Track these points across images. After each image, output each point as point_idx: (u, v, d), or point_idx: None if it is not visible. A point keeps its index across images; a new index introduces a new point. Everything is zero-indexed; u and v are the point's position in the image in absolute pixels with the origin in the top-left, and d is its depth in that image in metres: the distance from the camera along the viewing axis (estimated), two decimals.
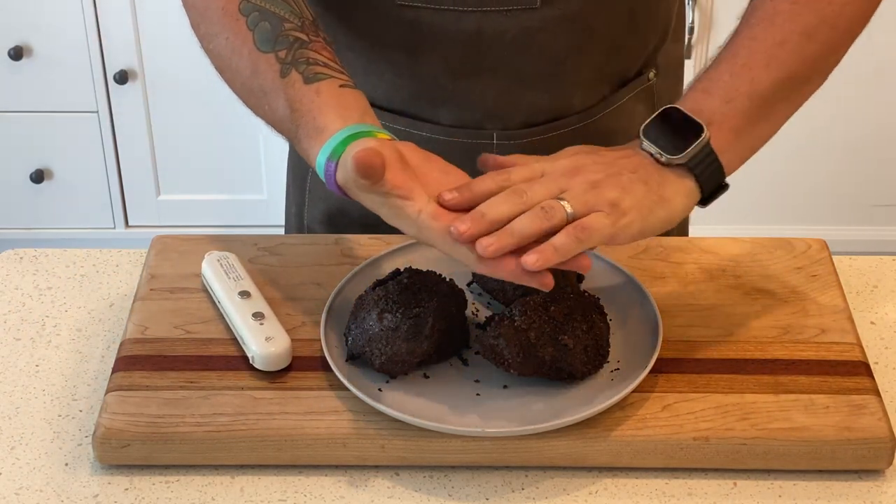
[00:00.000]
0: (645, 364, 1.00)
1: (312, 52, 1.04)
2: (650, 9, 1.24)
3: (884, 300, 1.17)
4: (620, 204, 0.99)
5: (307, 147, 1.01)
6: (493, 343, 0.99)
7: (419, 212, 0.95)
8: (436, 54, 1.19)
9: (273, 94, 1.04)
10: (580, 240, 0.97)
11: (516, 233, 0.96)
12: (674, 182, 1.01)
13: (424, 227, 0.95)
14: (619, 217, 0.99)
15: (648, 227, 1.00)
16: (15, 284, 1.19)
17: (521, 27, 1.17)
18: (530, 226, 0.97)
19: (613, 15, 1.20)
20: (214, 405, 1.00)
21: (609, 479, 0.98)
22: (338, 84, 1.03)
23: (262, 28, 1.05)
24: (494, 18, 1.16)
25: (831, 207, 2.68)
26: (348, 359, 1.02)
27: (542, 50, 1.18)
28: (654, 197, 1.00)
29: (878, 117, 2.58)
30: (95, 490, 0.98)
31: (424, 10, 1.16)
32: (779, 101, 1.04)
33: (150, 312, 1.10)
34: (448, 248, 0.95)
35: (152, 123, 2.62)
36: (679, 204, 1.02)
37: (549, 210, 0.97)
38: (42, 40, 2.53)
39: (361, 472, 0.99)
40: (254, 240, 1.19)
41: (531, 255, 0.94)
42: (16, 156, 2.65)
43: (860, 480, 0.99)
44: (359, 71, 1.22)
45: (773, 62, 1.03)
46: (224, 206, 2.70)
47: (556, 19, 1.17)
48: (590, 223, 0.97)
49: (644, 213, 1.00)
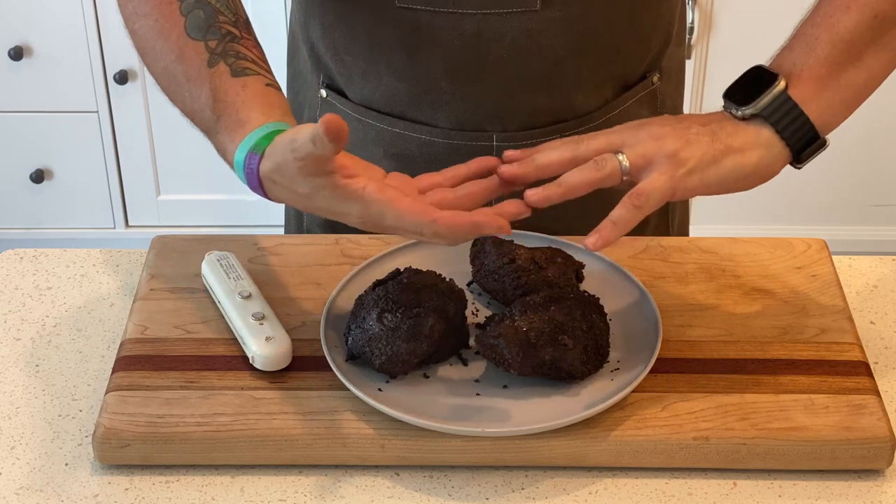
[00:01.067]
0: (645, 364, 1.00)
1: (243, 47, 1.04)
2: (652, 11, 1.24)
3: (884, 300, 1.17)
4: (680, 154, 0.96)
5: (225, 140, 1.00)
6: (493, 343, 0.99)
7: (364, 187, 0.91)
8: (435, 56, 1.18)
9: (197, 81, 1.03)
10: (638, 207, 0.95)
11: (564, 183, 0.95)
12: (748, 132, 0.99)
13: (371, 201, 0.90)
14: (678, 168, 0.96)
15: (713, 178, 0.98)
16: (15, 284, 1.19)
17: (521, 29, 1.16)
18: (579, 176, 0.95)
19: (614, 17, 1.19)
20: (214, 405, 1.00)
21: (609, 479, 0.99)
22: (264, 82, 1.03)
23: (196, 15, 1.04)
24: (494, 20, 1.16)
25: (831, 207, 2.68)
26: (348, 359, 1.02)
27: (542, 52, 1.18)
28: (721, 146, 0.98)
29: (878, 117, 2.58)
30: (95, 490, 0.98)
31: (423, 11, 1.16)
32: (867, 44, 1.00)
33: (150, 312, 1.10)
34: (395, 216, 0.90)
35: (152, 123, 2.62)
36: (753, 155, 0.98)
37: (601, 162, 0.96)
38: (42, 40, 2.53)
39: (361, 472, 0.99)
40: (254, 240, 1.19)
41: (591, 237, 0.93)
42: (16, 156, 2.65)
43: (860, 480, 0.99)
44: (357, 74, 1.23)
45: (854, 4, 1.00)
46: (224, 206, 2.70)
47: (556, 21, 1.16)
48: (645, 188, 0.95)
49: (707, 163, 0.97)
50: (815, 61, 1.00)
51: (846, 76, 1.01)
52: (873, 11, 1.00)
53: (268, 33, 2.01)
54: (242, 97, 1.00)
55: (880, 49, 1.01)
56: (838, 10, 1.01)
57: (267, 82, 1.03)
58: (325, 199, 0.92)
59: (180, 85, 1.04)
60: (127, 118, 2.62)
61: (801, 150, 1.01)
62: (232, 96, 1.01)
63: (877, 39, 1.01)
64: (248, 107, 1.00)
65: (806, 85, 1.00)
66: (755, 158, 0.99)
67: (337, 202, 0.92)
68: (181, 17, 1.05)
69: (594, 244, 0.93)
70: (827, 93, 1.01)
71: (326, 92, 1.27)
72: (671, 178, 0.96)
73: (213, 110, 1.01)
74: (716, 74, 2.47)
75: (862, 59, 1.01)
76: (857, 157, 2.62)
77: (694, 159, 0.97)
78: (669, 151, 0.97)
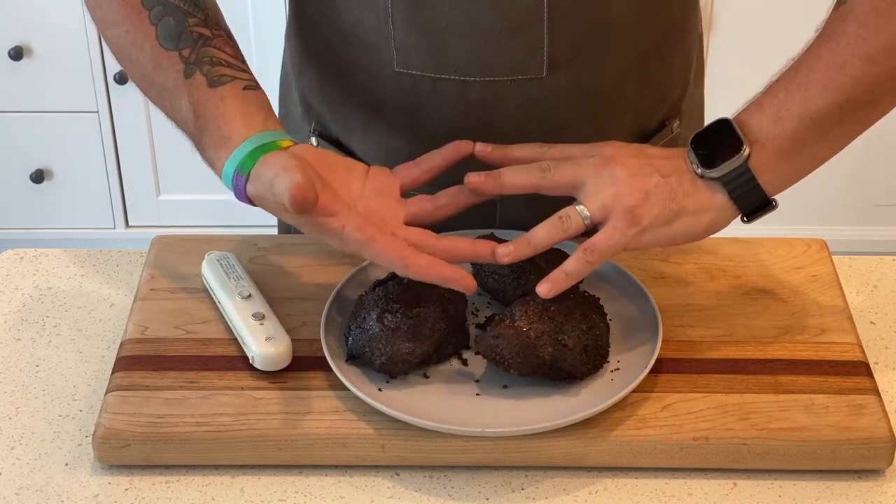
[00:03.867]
0: (645, 364, 1.00)
1: (215, 49, 1.04)
2: (666, 65, 1.19)
3: (884, 300, 1.17)
4: (636, 210, 0.99)
5: (212, 156, 1.01)
6: (493, 343, 0.99)
7: (343, 227, 0.97)
8: (436, 119, 1.15)
9: (176, 93, 1.03)
10: (590, 262, 0.99)
11: (532, 243, 1.01)
12: (703, 195, 1.01)
13: (349, 240, 0.97)
14: (632, 226, 0.99)
15: (664, 237, 1.01)
16: (15, 284, 1.19)
17: (527, 96, 1.13)
18: (547, 237, 1.01)
19: (625, 77, 1.15)
20: (214, 405, 1.00)
21: (609, 479, 0.98)
22: (241, 86, 1.03)
23: (166, 23, 1.04)
24: (498, 87, 1.12)
25: (831, 207, 2.68)
26: (348, 359, 1.02)
27: (548, 117, 1.14)
28: (676, 207, 1.00)
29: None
30: (95, 490, 0.98)
31: (424, 77, 1.13)
32: (836, 123, 1.00)
33: (150, 312, 1.10)
34: (371, 255, 0.98)
35: (152, 123, 2.62)
36: (705, 218, 1.01)
37: (566, 220, 1.00)
38: (42, 40, 2.53)
39: (361, 472, 0.99)
40: (254, 240, 1.19)
41: (544, 285, 0.99)
42: (16, 156, 2.65)
43: (860, 480, 0.99)
44: (357, 127, 1.20)
45: (831, 85, 0.99)
46: (224, 206, 2.70)
47: (563, 87, 1.13)
48: (598, 244, 1.00)
49: (660, 223, 1.00)
50: (782, 133, 1.00)
51: (808, 150, 1.02)
52: (846, 95, 1.00)
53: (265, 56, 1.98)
54: (222, 110, 1.01)
55: (846, 127, 1.02)
56: (814, 87, 1.00)
57: (244, 85, 1.03)
58: (307, 230, 0.99)
59: (161, 95, 1.05)
60: (127, 118, 2.61)
61: (751, 213, 1.03)
62: (212, 110, 1.01)
63: (845, 120, 1.01)
64: (229, 120, 1.01)
65: (768, 156, 1.01)
66: (706, 221, 1.02)
67: (318, 234, 0.99)
68: (152, 26, 1.04)
69: (546, 292, 0.99)
70: (786, 165, 1.02)
71: (318, 141, 1.24)
72: (624, 235, 1.00)
73: (196, 126, 1.02)
74: (716, 75, 2.47)
75: (826, 136, 1.01)
76: (857, 157, 2.61)
77: (649, 218, 1.00)
78: (627, 206, 1.00)
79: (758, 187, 1.01)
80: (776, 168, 1.01)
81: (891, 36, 0.98)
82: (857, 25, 0.99)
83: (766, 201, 1.02)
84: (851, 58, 0.99)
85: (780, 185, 1.02)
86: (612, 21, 1.11)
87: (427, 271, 0.97)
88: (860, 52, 0.99)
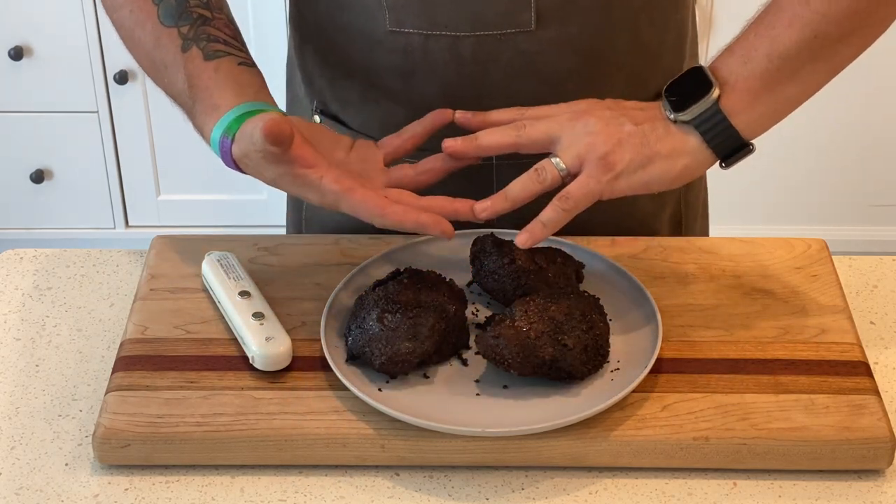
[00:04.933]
0: (645, 364, 1.00)
1: (214, 28, 1.07)
2: (658, 26, 1.20)
3: (884, 300, 1.17)
4: (609, 157, 1.00)
5: (202, 123, 1.05)
6: (493, 343, 0.99)
7: (321, 178, 0.99)
8: (430, 80, 1.16)
9: (173, 67, 1.07)
10: (566, 210, 1.01)
11: (510, 197, 1.03)
12: (676, 139, 1.02)
13: (327, 191, 0.99)
14: (606, 172, 1.01)
15: (638, 182, 1.01)
16: (15, 284, 1.19)
17: (517, 51, 1.14)
18: (523, 189, 1.03)
19: (616, 35, 1.16)
20: (214, 405, 1.00)
21: (609, 479, 0.99)
22: (236, 62, 1.06)
23: (167, 3, 1.08)
24: (488, 43, 1.14)
25: (831, 207, 2.68)
26: (348, 359, 1.02)
27: (541, 74, 1.16)
28: (649, 151, 1.01)
29: (878, 117, 2.58)
30: (95, 490, 0.98)
31: (416, 35, 1.14)
32: (806, 61, 1.01)
33: (150, 312, 1.10)
34: (349, 206, 0.99)
35: (152, 123, 2.62)
36: (679, 162, 1.02)
37: (542, 172, 1.02)
38: (42, 40, 2.53)
39: (361, 472, 0.99)
40: (254, 240, 1.19)
41: (522, 235, 1.01)
42: (16, 156, 2.65)
43: (860, 480, 0.99)
44: (355, 99, 1.22)
45: (797, 21, 1.00)
46: (224, 206, 2.70)
47: (552, 42, 1.14)
48: (573, 192, 1.01)
49: (634, 167, 1.01)
50: (751, 74, 1.01)
51: (780, 90, 1.02)
52: (814, 31, 1.00)
53: (267, 56, 2.00)
54: (215, 80, 1.05)
55: (817, 66, 1.02)
56: (780, 24, 1.01)
57: (239, 61, 1.07)
58: (287, 184, 1.01)
59: (160, 71, 1.09)
60: (127, 118, 2.61)
61: (728, 156, 1.03)
62: (205, 80, 1.05)
63: (815, 57, 1.01)
64: (221, 89, 1.04)
65: (739, 96, 1.01)
66: (680, 165, 1.02)
67: (297, 188, 1.01)
68: (154, 6, 1.09)
69: (524, 242, 1.01)
70: (759, 105, 1.02)
71: (320, 118, 1.25)
72: (598, 182, 1.01)
73: (190, 96, 1.05)
74: None
75: (797, 75, 1.02)
76: (857, 157, 2.62)
77: (622, 163, 1.01)
78: (600, 153, 1.01)
79: (731, 128, 1.01)
80: (749, 109, 1.02)
81: None
82: None
83: (743, 144, 1.02)
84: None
85: (756, 128, 1.03)
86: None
87: (403, 217, 0.99)
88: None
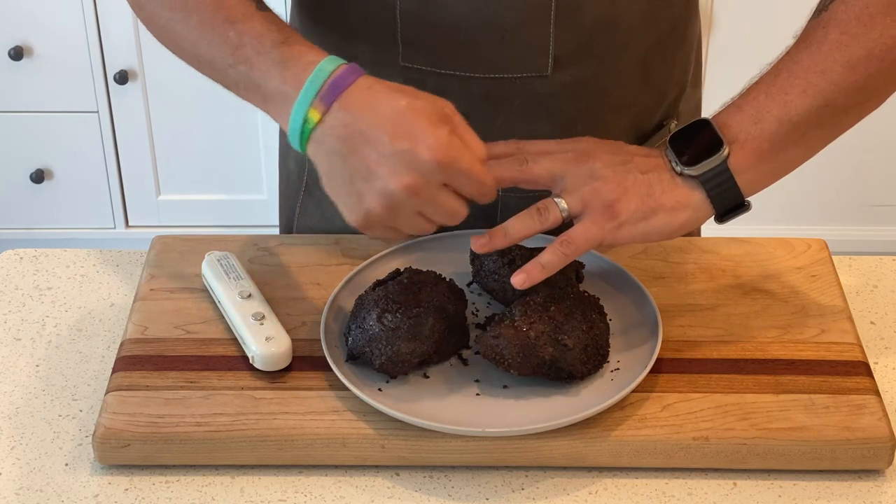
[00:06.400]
0: (645, 364, 1.00)
1: None
2: (667, 65, 1.20)
3: (884, 300, 1.17)
4: (615, 206, 1.00)
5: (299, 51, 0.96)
6: (493, 343, 0.99)
7: None
8: None
9: (245, 20, 0.98)
10: (567, 254, 1.00)
11: (509, 234, 1.01)
12: (681, 193, 1.01)
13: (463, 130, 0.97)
14: (610, 220, 1.00)
15: (640, 232, 1.01)
16: (15, 284, 1.19)
17: (531, 93, 1.13)
18: (524, 227, 1.01)
19: (628, 76, 1.16)
20: (214, 405, 1.00)
21: (609, 479, 0.99)
22: None
23: None
24: (502, 85, 1.13)
25: (831, 207, 2.68)
26: (348, 359, 1.02)
27: (553, 115, 1.15)
28: (653, 203, 1.00)
29: (878, 117, 2.58)
30: (95, 490, 0.98)
31: (429, 72, 1.13)
32: (813, 127, 1.02)
33: (150, 312, 1.10)
34: None
35: (152, 123, 2.62)
36: (681, 216, 1.01)
37: (544, 211, 1.01)
38: (42, 40, 2.53)
39: (361, 472, 0.99)
40: (254, 240, 1.19)
41: (519, 276, 1.00)
42: (16, 156, 2.65)
43: (860, 480, 0.99)
44: None
45: (811, 89, 1.01)
46: (224, 206, 2.70)
47: (567, 86, 1.14)
48: (576, 237, 1.00)
49: (637, 218, 1.00)
50: (761, 134, 1.01)
51: (785, 152, 1.03)
52: (826, 100, 1.01)
53: None
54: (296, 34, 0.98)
55: (821, 132, 1.03)
56: (794, 91, 1.01)
57: None
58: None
59: (224, 29, 0.99)
60: (127, 118, 2.61)
61: (725, 213, 1.03)
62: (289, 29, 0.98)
63: (821, 124, 1.02)
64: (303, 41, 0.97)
65: (746, 156, 1.01)
66: (682, 218, 1.02)
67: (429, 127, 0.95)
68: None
69: (521, 283, 1.00)
70: (763, 165, 1.02)
71: None
72: (601, 229, 1.00)
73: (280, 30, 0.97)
74: (715, 75, 2.47)
75: (803, 140, 1.03)
76: (857, 157, 2.62)
77: (627, 213, 1.00)
78: (606, 201, 1.00)
79: (735, 187, 1.01)
80: (753, 169, 1.02)
81: (872, 43, 1.00)
82: (839, 32, 1.00)
83: (742, 202, 1.02)
84: (833, 64, 1.00)
85: (756, 187, 1.03)
86: (617, 20, 1.11)
87: None
88: (841, 58, 1.00)
